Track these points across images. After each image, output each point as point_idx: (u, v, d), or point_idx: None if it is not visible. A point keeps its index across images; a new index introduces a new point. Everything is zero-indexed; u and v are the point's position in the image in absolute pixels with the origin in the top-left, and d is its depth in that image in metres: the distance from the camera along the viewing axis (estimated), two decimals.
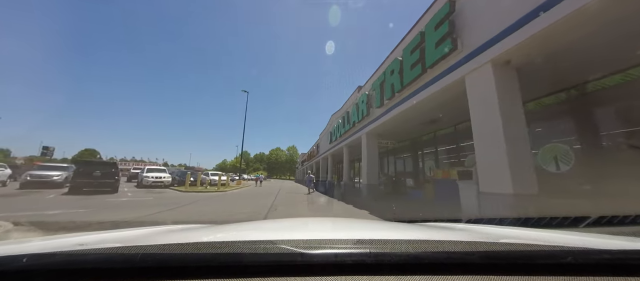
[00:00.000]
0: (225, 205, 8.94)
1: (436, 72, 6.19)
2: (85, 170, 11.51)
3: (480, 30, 4.89)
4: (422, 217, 5.15)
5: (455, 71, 5.49)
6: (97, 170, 11.68)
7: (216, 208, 7.96)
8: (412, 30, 7.48)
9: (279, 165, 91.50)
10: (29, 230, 4.19)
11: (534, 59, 4.45)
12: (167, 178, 16.59)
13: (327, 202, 10.64)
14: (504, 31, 4.33)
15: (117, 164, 13.20)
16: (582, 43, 4.12)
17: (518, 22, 4.08)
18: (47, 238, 0.95)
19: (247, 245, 0.77)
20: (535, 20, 3.80)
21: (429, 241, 0.79)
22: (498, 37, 4.43)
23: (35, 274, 0.64)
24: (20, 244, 0.87)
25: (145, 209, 7.13)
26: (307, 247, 0.70)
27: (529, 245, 0.76)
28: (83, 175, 11.38)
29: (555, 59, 4.56)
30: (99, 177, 11.56)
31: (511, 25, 4.20)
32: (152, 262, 0.66)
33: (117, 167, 12.74)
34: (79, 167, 11.75)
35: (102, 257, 0.68)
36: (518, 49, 4.19)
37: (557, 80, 5.76)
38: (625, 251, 0.70)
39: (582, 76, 5.43)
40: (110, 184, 11.75)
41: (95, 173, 11.55)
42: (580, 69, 5.10)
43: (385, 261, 0.68)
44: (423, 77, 6.71)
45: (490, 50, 4.58)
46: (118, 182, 12.18)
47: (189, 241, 0.78)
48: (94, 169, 11.68)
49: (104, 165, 12.40)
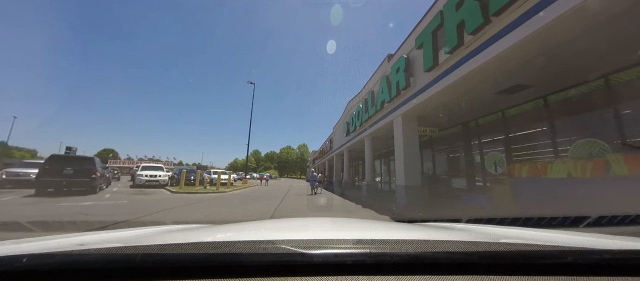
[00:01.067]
0: (213, 213, 6.67)
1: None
2: (53, 167, 9.49)
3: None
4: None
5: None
6: (69, 167, 9.75)
7: (198, 218, 5.92)
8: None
9: (290, 164, 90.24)
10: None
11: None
12: (162, 176, 14.85)
13: (347, 209, 7.76)
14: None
15: (94, 160, 11.04)
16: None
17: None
18: (47, 238, 0.94)
19: (247, 245, 0.77)
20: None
21: (429, 242, 0.78)
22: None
23: (35, 274, 0.64)
24: (20, 244, 0.86)
25: (97, 218, 5.25)
26: (307, 247, 0.70)
27: (529, 245, 0.77)
28: (50, 172, 9.45)
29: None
30: (71, 175, 9.68)
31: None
32: (153, 262, 0.66)
33: (95, 162, 10.71)
34: (45, 164, 9.75)
35: (102, 257, 0.68)
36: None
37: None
38: (625, 251, 0.70)
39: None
40: (86, 183, 9.89)
41: (65, 170, 9.63)
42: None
43: (385, 261, 0.68)
44: None
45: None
46: (96, 180, 10.20)
47: (190, 241, 0.79)
48: (64, 166, 9.73)
49: (78, 161, 10.42)
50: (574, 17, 3.45)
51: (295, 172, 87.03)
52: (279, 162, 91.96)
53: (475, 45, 4.93)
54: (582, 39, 3.80)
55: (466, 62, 5.18)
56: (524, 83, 5.77)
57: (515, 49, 4.17)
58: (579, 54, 3.88)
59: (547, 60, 4.50)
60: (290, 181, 40.91)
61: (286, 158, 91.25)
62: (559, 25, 3.60)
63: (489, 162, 8.11)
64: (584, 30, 3.69)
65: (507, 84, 5.83)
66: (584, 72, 3.63)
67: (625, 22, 3.64)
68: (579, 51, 3.80)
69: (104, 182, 12.26)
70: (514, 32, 4.08)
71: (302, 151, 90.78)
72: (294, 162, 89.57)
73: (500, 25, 4.39)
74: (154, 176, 14.49)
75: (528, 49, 4.19)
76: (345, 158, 18.46)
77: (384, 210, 7.28)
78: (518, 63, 4.66)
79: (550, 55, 4.35)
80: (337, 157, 21.95)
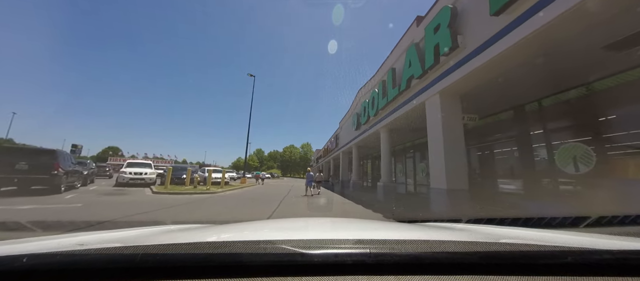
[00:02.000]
0: (187, 221, 5.59)
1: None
2: (1, 161, 8.06)
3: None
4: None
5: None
6: (23, 162, 8.22)
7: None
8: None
9: (293, 163, 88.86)
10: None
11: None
12: (149, 174, 13.61)
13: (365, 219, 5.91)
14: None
15: (57, 152, 9.26)
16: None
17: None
18: (47, 238, 0.93)
19: (247, 245, 0.76)
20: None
21: (429, 242, 0.77)
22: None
23: (35, 274, 0.63)
24: (20, 244, 0.85)
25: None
26: (307, 247, 0.69)
27: (529, 245, 0.75)
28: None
29: None
30: (26, 170, 8.18)
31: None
32: (153, 262, 0.65)
33: (57, 156, 9.03)
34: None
35: (102, 257, 0.68)
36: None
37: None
38: (626, 252, 0.69)
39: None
40: (47, 181, 8.47)
41: (18, 165, 8.13)
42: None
43: (385, 261, 0.67)
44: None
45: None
46: (59, 178, 8.72)
47: (190, 241, 0.78)
48: (16, 160, 8.21)
49: (35, 154, 8.84)
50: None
51: (299, 172, 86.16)
52: (282, 161, 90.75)
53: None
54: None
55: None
56: None
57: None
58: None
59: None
60: (293, 181, 39.27)
61: (289, 157, 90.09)
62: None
63: (563, 157, 5.80)
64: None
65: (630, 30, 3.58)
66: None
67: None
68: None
69: (78, 180, 10.93)
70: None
71: (306, 150, 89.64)
72: (297, 162, 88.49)
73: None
74: (138, 174, 13.20)
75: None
76: (354, 155, 16.27)
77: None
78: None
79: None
80: (343, 155, 19.95)
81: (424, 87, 6.89)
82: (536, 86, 5.97)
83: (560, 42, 4.08)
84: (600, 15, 3.49)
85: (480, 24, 4.90)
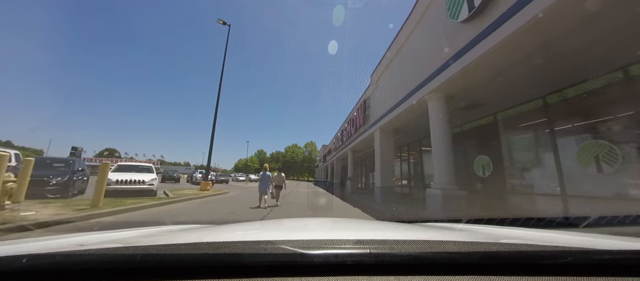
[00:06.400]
0: None
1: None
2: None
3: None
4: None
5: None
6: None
7: None
8: None
9: (296, 164, 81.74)
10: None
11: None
12: (148, 182, 9.68)
13: None
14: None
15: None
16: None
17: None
18: (47, 238, 0.94)
19: (247, 245, 0.77)
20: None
21: (429, 242, 0.77)
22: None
23: (35, 274, 0.64)
24: (20, 244, 0.85)
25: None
26: (307, 247, 0.70)
27: (529, 245, 0.75)
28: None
29: None
30: None
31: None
32: (152, 262, 0.65)
33: None
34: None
35: (102, 257, 0.68)
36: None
37: None
38: (625, 252, 0.70)
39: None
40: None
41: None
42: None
43: (385, 261, 0.67)
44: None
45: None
46: None
47: (189, 242, 0.78)
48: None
49: None
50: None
51: (302, 173, 79.79)
52: (284, 162, 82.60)
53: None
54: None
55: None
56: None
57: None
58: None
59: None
60: (295, 184, 33.13)
61: (292, 157, 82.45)
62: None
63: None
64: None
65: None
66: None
67: None
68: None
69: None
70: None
71: (310, 149, 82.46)
72: (301, 162, 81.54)
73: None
74: (131, 182, 9.10)
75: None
76: (378, 144, 10.69)
77: None
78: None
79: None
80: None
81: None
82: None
83: None
84: None
85: None
